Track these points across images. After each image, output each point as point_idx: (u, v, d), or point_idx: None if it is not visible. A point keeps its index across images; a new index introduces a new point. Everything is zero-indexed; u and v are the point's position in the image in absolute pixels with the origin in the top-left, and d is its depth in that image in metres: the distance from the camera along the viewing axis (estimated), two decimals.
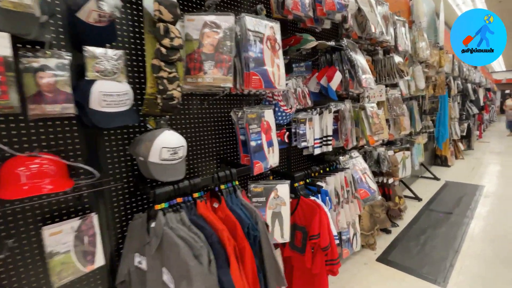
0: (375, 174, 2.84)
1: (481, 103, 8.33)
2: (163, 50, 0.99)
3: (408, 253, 2.38)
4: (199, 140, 1.42)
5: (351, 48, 1.96)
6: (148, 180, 1.15)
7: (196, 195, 1.07)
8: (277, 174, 1.76)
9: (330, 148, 1.96)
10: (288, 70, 1.75)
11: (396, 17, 2.83)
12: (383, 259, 2.29)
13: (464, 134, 6.47)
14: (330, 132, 1.96)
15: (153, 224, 0.95)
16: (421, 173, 4.82)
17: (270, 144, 1.49)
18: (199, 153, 1.43)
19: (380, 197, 2.08)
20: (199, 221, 0.96)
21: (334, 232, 1.50)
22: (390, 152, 2.91)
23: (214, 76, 1.17)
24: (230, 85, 1.21)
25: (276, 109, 1.61)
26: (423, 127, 3.97)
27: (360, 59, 1.97)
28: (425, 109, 4.47)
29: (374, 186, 2.08)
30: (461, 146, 6.51)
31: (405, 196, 3.75)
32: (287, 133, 1.83)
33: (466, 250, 2.37)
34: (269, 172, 1.53)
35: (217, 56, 1.18)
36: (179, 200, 1.01)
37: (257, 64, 1.31)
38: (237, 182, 1.23)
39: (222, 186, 1.18)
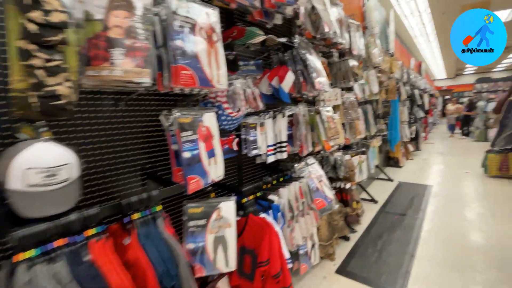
0: (332, 179, 2.76)
1: (426, 108, 9.10)
2: (32, 27, 0.69)
3: (366, 262, 2.31)
4: (115, 152, 1.12)
5: (304, 47, 1.82)
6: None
7: (90, 232, 0.77)
8: (224, 188, 1.52)
9: (284, 155, 1.79)
10: (234, 67, 1.53)
11: (350, 21, 2.81)
12: (342, 270, 2.18)
13: (413, 136, 6.95)
14: (284, 138, 1.79)
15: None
16: (377, 175, 4.99)
17: (211, 154, 1.24)
18: (114, 170, 1.13)
19: (337, 205, 1.97)
20: (88, 273, 0.68)
21: (287, 255, 1.30)
22: (347, 157, 2.87)
23: (125, 68, 0.89)
24: (147, 80, 0.94)
25: (220, 112, 1.37)
26: (377, 130, 4.08)
27: (314, 60, 1.84)
28: (378, 113, 4.63)
29: (330, 195, 1.96)
30: (411, 147, 6.98)
31: (362, 199, 3.78)
32: (237, 139, 1.60)
33: (420, 254, 2.38)
34: (210, 187, 1.30)
35: (128, 43, 0.90)
36: (61, 242, 0.70)
37: (187, 56, 1.06)
38: (159, 207, 0.96)
39: (136, 215, 0.90)
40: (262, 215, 1.36)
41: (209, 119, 1.24)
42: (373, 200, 3.75)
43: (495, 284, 1.94)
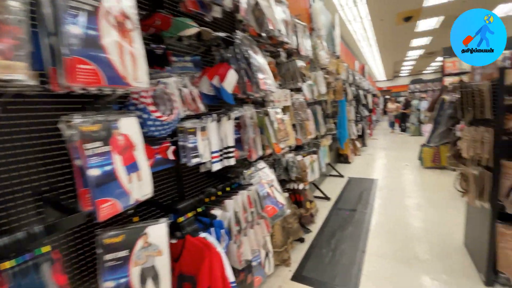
0: (284, 182, 2.70)
1: (370, 107, 9.89)
2: None
3: (321, 263, 2.29)
4: None
5: (247, 44, 1.69)
6: None
7: None
8: (157, 206, 1.29)
9: (232, 162, 1.63)
10: (163, 63, 1.32)
11: (297, 21, 2.79)
12: (298, 276, 2.12)
13: (360, 133, 7.45)
14: (231, 143, 1.63)
15: None
16: (329, 172, 5.18)
17: (133, 168, 1.02)
18: None
19: (289, 210, 1.89)
20: None
21: (231, 278, 1.14)
22: (299, 157, 2.85)
23: None
24: (21, 77, 0.69)
25: (145, 116, 1.14)
26: (327, 129, 4.20)
27: (259, 59, 1.72)
28: (328, 113, 4.79)
29: (282, 199, 1.87)
30: (358, 144, 7.47)
31: (316, 197, 3.85)
32: (173, 147, 1.39)
33: (371, 250, 2.45)
34: (132, 211, 1.07)
35: None
36: None
37: (89, 47, 0.83)
38: (46, 249, 0.72)
39: (7, 264, 0.64)
40: (202, 234, 1.18)
41: (128, 126, 1.01)
42: (326, 198, 3.84)
43: (440, 273, 2.07)
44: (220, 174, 1.77)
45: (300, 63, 2.66)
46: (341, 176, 5.02)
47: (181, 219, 1.20)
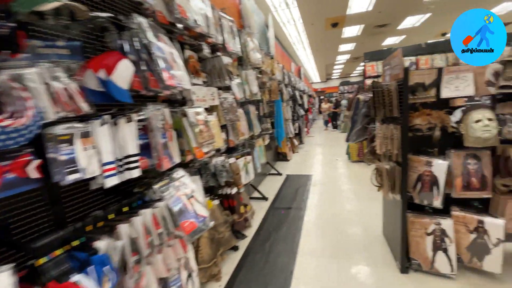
0: (213, 188, 2.49)
1: (306, 106, 10.47)
2: None
3: (255, 271, 2.16)
4: None
5: (151, 31, 1.41)
6: None
7: None
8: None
9: (136, 173, 1.34)
10: (14, 46, 0.96)
11: (222, 14, 2.61)
12: None
13: (297, 131, 7.77)
14: (134, 150, 1.34)
15: None
16: (268, 170, 5.20)
17: None
18: None
19: (212, 222, 1.69)
20: None
21: None
22: (231, 160, 2.68)
23: None
24: None
25: None
26: (264, 129, 4.17)
27: (165, 48, 1.46)
28: (264, 112, 4.79)
29: (204, 211, 1.66)
30: (296, 142, 7.78)
31: (253, 198, 3.77)
32: (37, 161, 1.03)
33: (302, 249, 2.45)
34: None
35: None
36: None
37: None
38: None
39: None
40: (75, 278, 0.88)
41: None
42: (263, 198, 3.78)
43: (363, 265, 2.15)
44: (123, 190, 1.46)
45: (226, 60, 2.48)
46: (279, 174, 5.08)
47: (41, 260, 0.87)
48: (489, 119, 1.62)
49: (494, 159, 1.83)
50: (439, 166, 1.86)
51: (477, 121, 1.65)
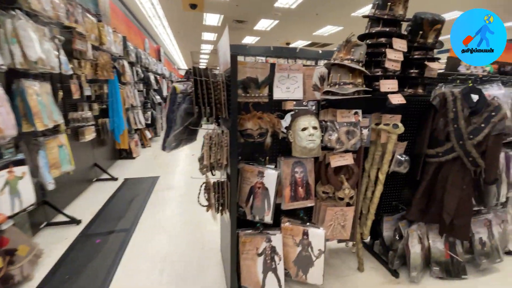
0: None
1: (165, 93, 9.33)
2: None
3: None
4: None
5: None
6: None
7: None
8: None
9: None
10: None
11: None
12: None
13: (149, 122, 6.64)
14: None
15: None
16: (97, 175, 3.92)
17: None
18: None
19: None
20: None
21: None
22: None
23: None
24: None
25: None
26: (76, 119, 2.93)
27: None
28: (89, 95, 3.47)
29: None
30: (149, 134, 6.65)
31: (56, 224, 2.56)
32: None
33: None
34: None
35: None
36: None
37: None
38: None
39: None
40: None
41: None
42: (74, 221, 2.63)
43: None
44: None
45: None
46: (113, 179, 3.92)
47: None
48: (314, 127, 1.47)
49: (316, 166, 1.78)
50: (269, 177, 1.61)
51: (303, 129, 1.46)
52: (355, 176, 1.69)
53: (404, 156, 1.77)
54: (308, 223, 1.76)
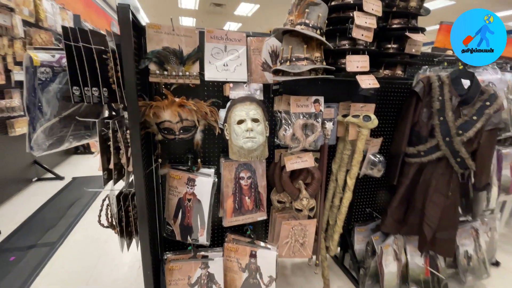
0: None
1: None
2: None
3: None
4: None
5: None
6: None
7: None
8: None
9: None
10: None
11: None
12: None
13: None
14: None
15: None
16: (39, 174, 3.39)
17: None
18: None
19: None
20: None
21: None
22: None
23: None
24: None
25: None
26: None
27: None
28: (21, 80, 2.91)
29: None
30: None
31: None
32: None
33: None
34: None
35: None
36: None
37: None
38: None
39: None
40: None
41: None
42: None
43: None
44: None
45: None
46: (59, 178, 3.41)
47: None
48: (254, 120, 1.07)
49: (270, 169, 1.40)
50: (203, 185, 1.21)
51: (240, 122, 1.06)
52: (315, 183, 1.32)
53: (378, 156, 1.41)
54: (257, 241, 1.38)
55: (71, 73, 0.89)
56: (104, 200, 1.12)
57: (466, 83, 1.43)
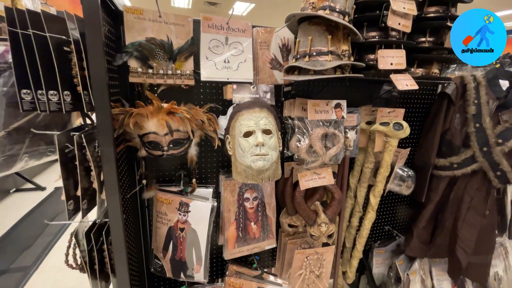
0: None
1: None
2: None
3: None
4: None
5: None
6: None
7: None
8: None
9: None
10: None
11: None
12: None
13: None
14: None
15: None
16: (18, 184, 3.09)
17: None
18: None
19: None
20: None
21: None
22: None
23: None
24: None
25: None
26: None
27: None
28: None
29: None
30: None
31: None
32: None
33: None
34: None
35: None
36: None
37: None
38: None
39: None
40: None
41: None
42: None
43: None
44: None
45: None
46: (40, 188, 3.12)
47: None
48: (266, 132, 0.84)
49: (280, 185, 1.17)
50: (198, 211, 0.98)
51: (247, 134, 0.83)
52: (336, 204, 1.09)
53: (406, 170, 1.20)
54: (265, 274, 1.15)
55: (19, 72, 0.65)
56: (72, 234, 0.88)
57: (504, 84, 1.23)
